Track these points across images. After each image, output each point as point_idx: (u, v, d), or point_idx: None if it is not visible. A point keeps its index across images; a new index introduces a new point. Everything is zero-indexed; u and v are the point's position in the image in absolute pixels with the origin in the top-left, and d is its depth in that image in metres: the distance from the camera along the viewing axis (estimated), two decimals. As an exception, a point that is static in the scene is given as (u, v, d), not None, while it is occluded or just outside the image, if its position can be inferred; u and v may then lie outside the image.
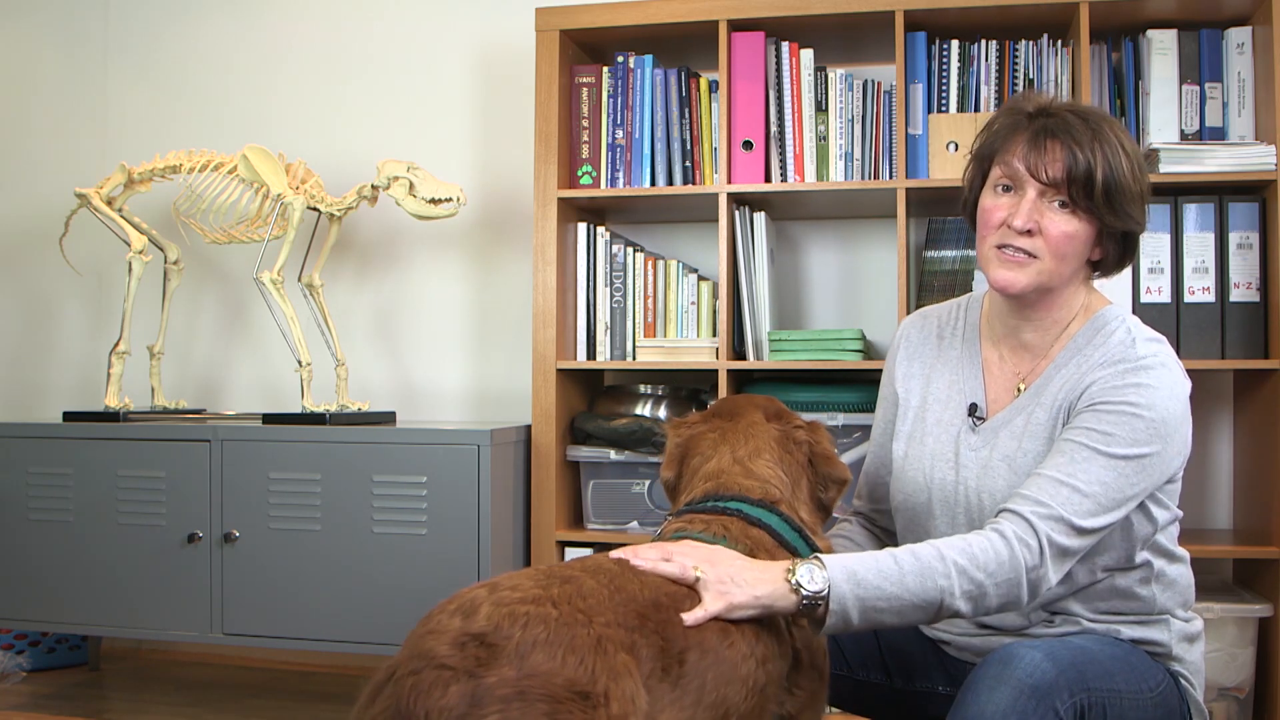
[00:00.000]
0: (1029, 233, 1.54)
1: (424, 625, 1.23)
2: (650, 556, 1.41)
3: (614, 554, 1.43)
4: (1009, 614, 1.60)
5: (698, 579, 1.38)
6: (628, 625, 1.27)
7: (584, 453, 2.82)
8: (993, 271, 1.58)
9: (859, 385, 2.74)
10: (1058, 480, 1.47)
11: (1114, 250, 1.60)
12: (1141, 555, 1.58)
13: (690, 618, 1.35)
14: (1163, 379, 1.53)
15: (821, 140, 2.74)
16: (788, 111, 2.74)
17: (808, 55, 2.74)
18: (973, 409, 1.67)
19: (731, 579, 1.39)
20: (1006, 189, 1.58)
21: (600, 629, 1.23)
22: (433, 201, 2.84)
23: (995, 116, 1.64)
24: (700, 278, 2.85)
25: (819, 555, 1.43)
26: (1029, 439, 1.59)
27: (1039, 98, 1.61)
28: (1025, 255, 1.55)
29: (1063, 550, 1.46)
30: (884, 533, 1.86)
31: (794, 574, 1.40)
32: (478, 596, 1.24)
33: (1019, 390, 1.65)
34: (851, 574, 1.40)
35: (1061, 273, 1.57)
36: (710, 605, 1.36)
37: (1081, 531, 1.46)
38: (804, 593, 1.39)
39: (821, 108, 2.75)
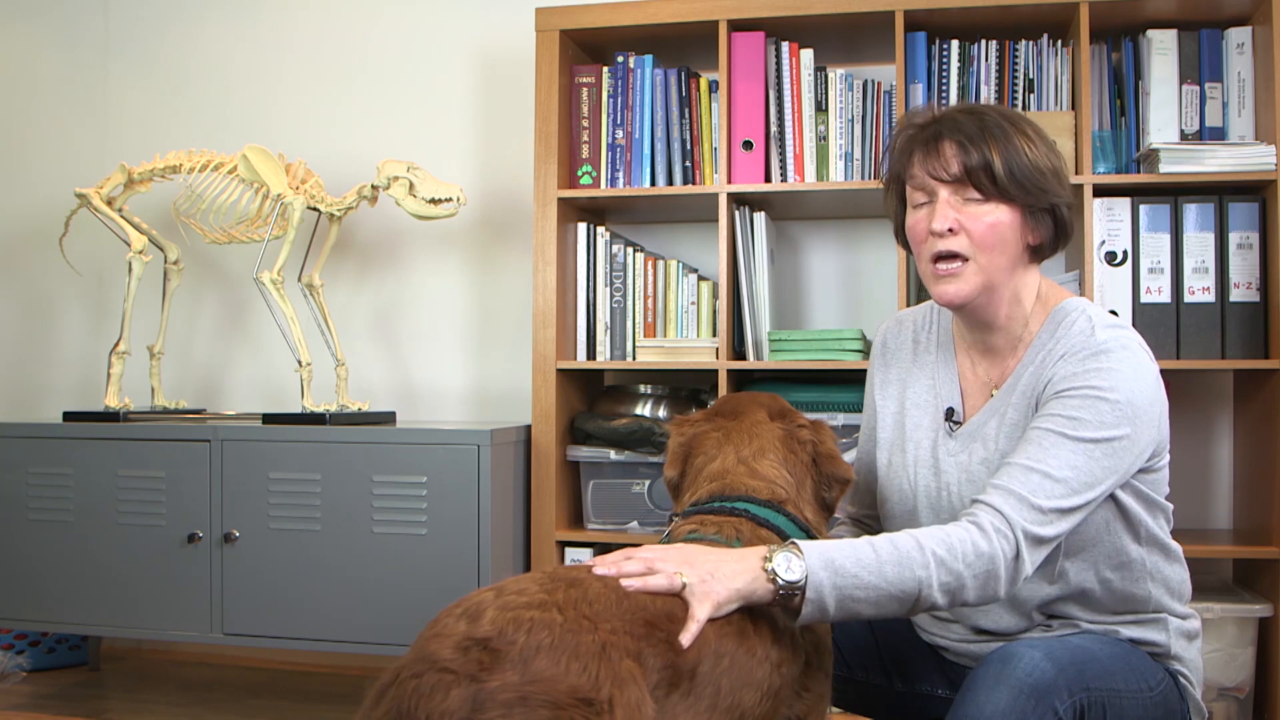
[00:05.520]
0: (952, 232, 1.55)
1: (430, 628, 1.22)
2: (633, 570, 1.36)
3: (596, 569, 1.37)
4: (1006, 618, 1.61)
5: (684, 585, 1.35)
6: (635, 633, 1.26)
7: (584, 453, 2.82)
8: (935, 289, 1.58)
9: (859, 385, 2.73)
10: (1028, 468, 1.45)
11: (1047, 230, 1.59)
12: (1136, 551, 1.57)
13: (685, 638, 1.31)
14: (1124, 361, 1.51)
15: (821, 140, 2.74)
16: (788, 111, 2.74)
17: (808, 55, 2.74)
18: (949, 413, 1.67)
19: (712, 575, 1.36)
20: (923, 202, 1.59)
21: (606, 635, 1.22)
22: (433, 201, 2.84)
23: (892, 139, 1.65)
24: (700, 278, 2.85)
25: (795, 542, 1.40)
26: (1005, 439, 1.59)
27: (928, 111, 1.62)
28: (960, 261, 1.55)
29: (1038, 539, 1.43)
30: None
31: (770, 562, 1.37)
32: (484, 600, 1.23)
33: (993, 394, 1.64)
34: (829, 562, 1.37)
35: (999, 264, 1.56)
36: (698, 612, 1.33)
37: (1055, 516, 1.44)
38: (780, 582, 1.36)
39: (821, 108, 2.75)
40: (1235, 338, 2.52)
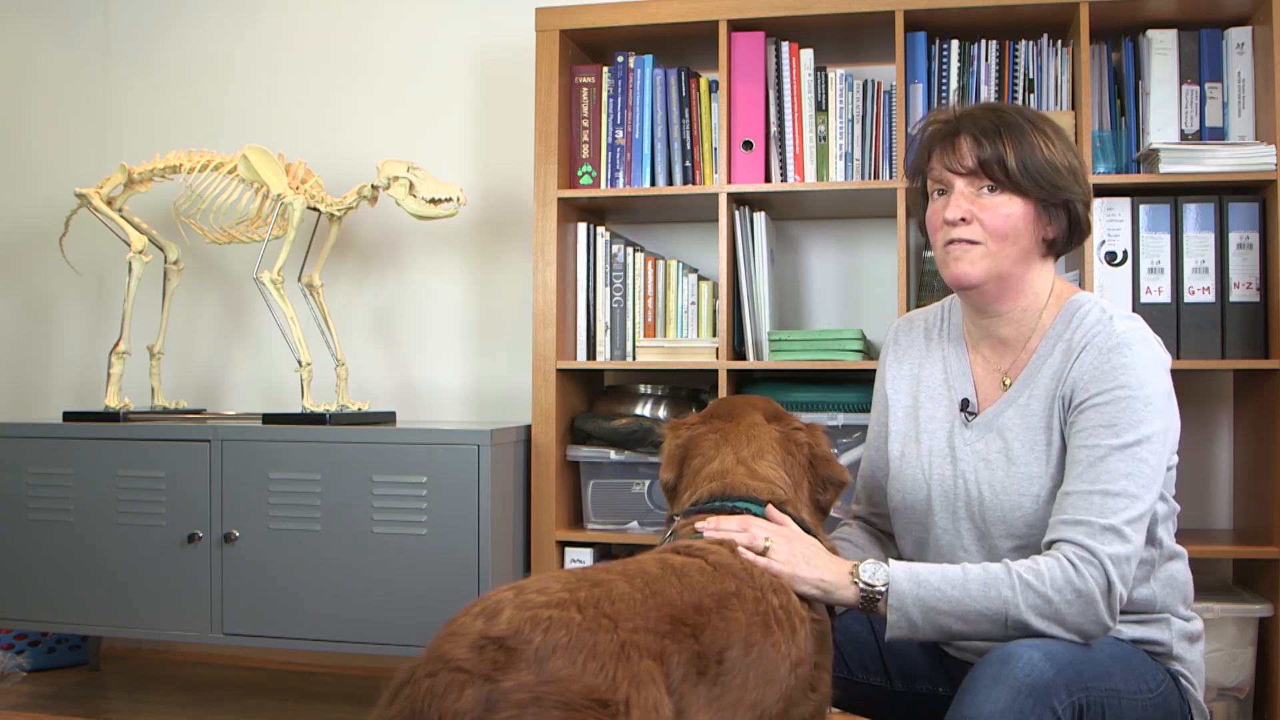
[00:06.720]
0: (965, 221, 1.59)
1: (447, 627, 1.21)
2: (730, 527, 1.50)
3: (701, 526, 1.52)
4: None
5: (766, 549, 1.47)
6: (658, 631, 1.25)
7: (584, 453, 2.82)
8: (947, 269, 1.63)
9: (859, 385, 2.74)
10: (1086, 493, 1.49)
11: (1061, 225, 1.63)
12: (1144, 551, 1.58)
13: (748, 554, 1.45)
14: (1144, 354, 1.55)
15: (821, 140, 2.74)
16: (788, 111, 2.74)
17: (808, 55, 2.74)
18: (964, 404, 1.69)
19: (804, 557, 1.49)
20: (941, 193, 1.64)
21: (626, 634, 1.21)
22: (433, 201, 2.84)
23: (914, 136, 1.71)
24: (700, 278, 2.85)
25: (890, 560, 1.52)
26: (1026, 431, 1.61)
27: (950, 109, 1.68)
28: (969, 244, 1.60)
29: (1124, 558, 1.47)
30: (884, 535, 1.86)
31: (860, 566, 1.50)
32: (503, 599, 1.22)
33: (1005, 385, 1.67)
34: (913, 574, 1.48)
35: (1010, 254, 1.60)
36: (770, 562, 1.46)
37: (1128, 528, 1.48)
38: (862, 583, 1.48)
39: (821, 108, 2.75)
40: (1235, 338, 2.52)
